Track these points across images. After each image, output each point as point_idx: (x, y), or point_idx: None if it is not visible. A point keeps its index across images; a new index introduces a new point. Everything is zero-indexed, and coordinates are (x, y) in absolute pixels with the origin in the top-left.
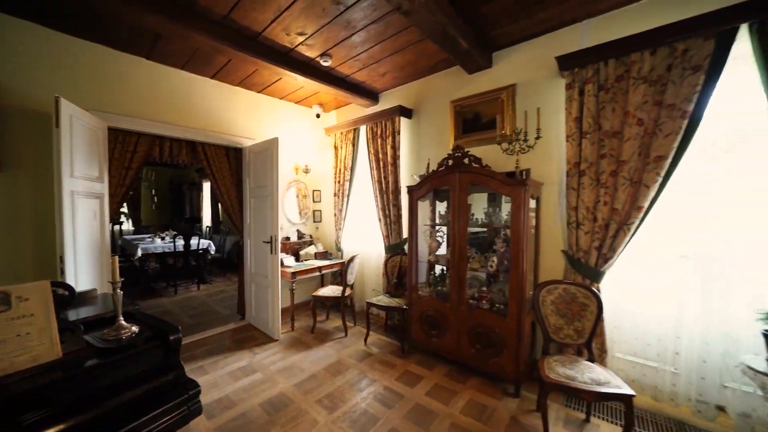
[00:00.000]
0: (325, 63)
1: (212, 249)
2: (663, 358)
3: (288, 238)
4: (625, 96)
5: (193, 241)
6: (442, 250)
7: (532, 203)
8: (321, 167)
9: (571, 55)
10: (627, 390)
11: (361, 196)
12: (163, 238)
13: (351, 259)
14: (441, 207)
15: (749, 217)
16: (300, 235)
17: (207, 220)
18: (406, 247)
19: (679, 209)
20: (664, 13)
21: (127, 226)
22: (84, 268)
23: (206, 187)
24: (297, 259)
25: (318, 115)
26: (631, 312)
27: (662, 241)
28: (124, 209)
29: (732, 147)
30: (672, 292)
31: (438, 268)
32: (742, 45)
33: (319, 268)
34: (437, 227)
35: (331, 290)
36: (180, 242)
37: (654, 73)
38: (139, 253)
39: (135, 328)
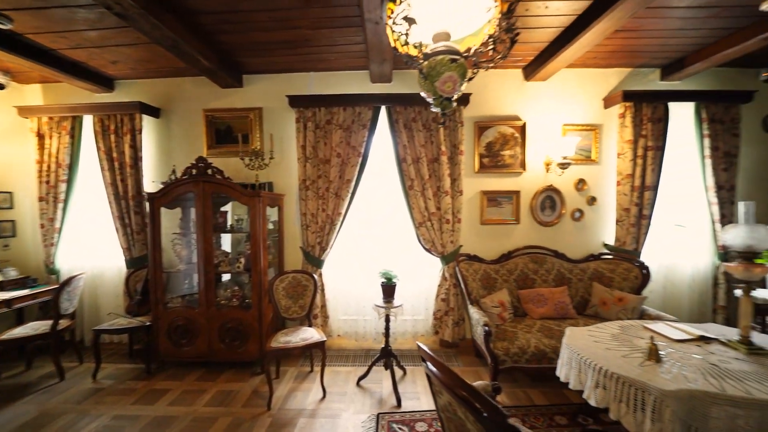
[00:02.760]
0: (4, 26)
1: None
2: (359, 312)
3: None
4: (331, 135)
5: None
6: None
7: (276, 210)
8: (10, 161)
9: (297, 97)
10: (320, 338)
11: (90, 202)
12: None
13: (67, 282)
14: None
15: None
16: None
17: None
18: None
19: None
20: (360, 85)
21: None
22: None
23: None
24: None
25: (1, 86)
26: (341, 285)
27: (354, 242)
28: None
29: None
30: (358, 269)
31: (195, 276)
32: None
33: (8, 302)
34: (190, 234)
35: (30, 328)
36: None
37: (345, 123)
38: None
39: None
